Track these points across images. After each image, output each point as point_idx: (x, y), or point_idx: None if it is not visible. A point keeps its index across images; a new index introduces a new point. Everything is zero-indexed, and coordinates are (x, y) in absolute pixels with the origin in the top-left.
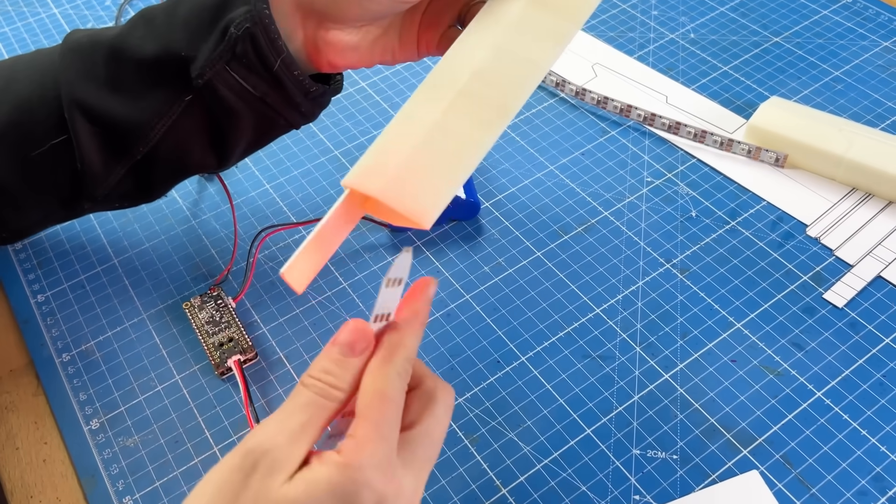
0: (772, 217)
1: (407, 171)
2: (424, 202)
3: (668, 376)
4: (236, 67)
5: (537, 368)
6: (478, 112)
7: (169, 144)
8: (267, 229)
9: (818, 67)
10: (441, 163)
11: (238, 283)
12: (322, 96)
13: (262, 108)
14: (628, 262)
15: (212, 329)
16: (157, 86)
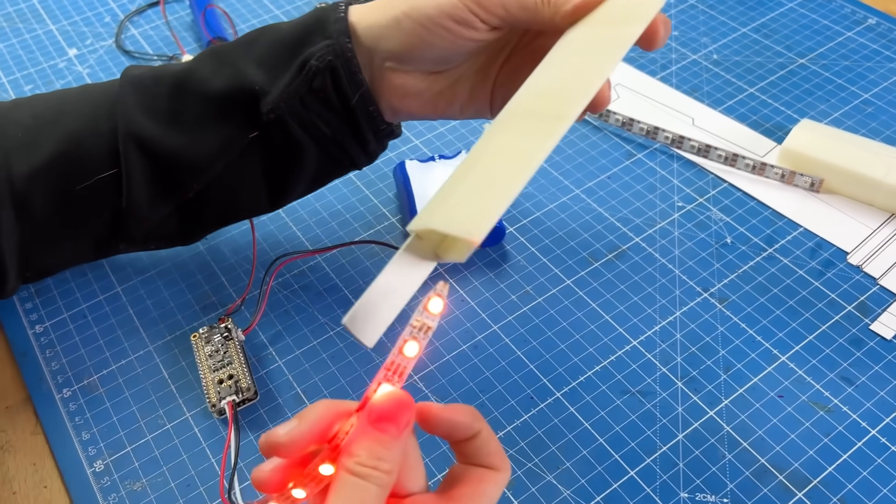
0: (810, 244)
1: (462, 198)
2: (473, 219)
3: (712, 413)
4: (311, 102)
5: (574, 405)
6: (533, 126)
7: (224, 184)
8: (282, 257)
9: (847, 90)
10: (494, 182)
11: (251, 313)
12: (389, 136)
13: (330, 147)
14: (664, 290)
15: (214, 364)
16: (223, 121)
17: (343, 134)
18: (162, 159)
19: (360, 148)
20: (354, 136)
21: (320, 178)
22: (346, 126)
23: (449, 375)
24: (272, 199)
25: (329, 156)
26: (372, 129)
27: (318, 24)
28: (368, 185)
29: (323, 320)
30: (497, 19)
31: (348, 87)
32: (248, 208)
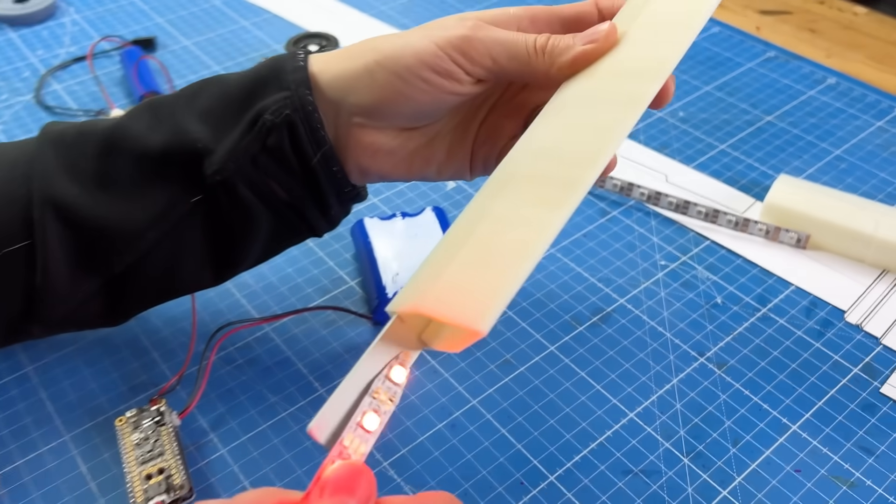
0: (804, 303)
1: (458, 275)
2: (476, 302)
3: (726, 493)
4: (264, 162)
5: (571, 490)
6: (541, 193)
7: (160, 256)
8: (225, 327)
9: (817, 146)
10: (499, 256)
11: (189, 394)
12: (354, 199)
13: (285, 212)
14: (656, 356)
15: (142, 455)
16: (160, 184)
17: (301, 198)
18: (86, 229)
19: (321, 213)
20: (314, 201)
21: (273, 247)
22: (305, 189)
23: (424, 460)
24: (216, 272)
25: (284, 222)
26: (335, 193)
27: (273, 75)
28: (323, 246)
29: (273, 399)
30: (483, 71)
31: (309, 146)
32: (187, 283)
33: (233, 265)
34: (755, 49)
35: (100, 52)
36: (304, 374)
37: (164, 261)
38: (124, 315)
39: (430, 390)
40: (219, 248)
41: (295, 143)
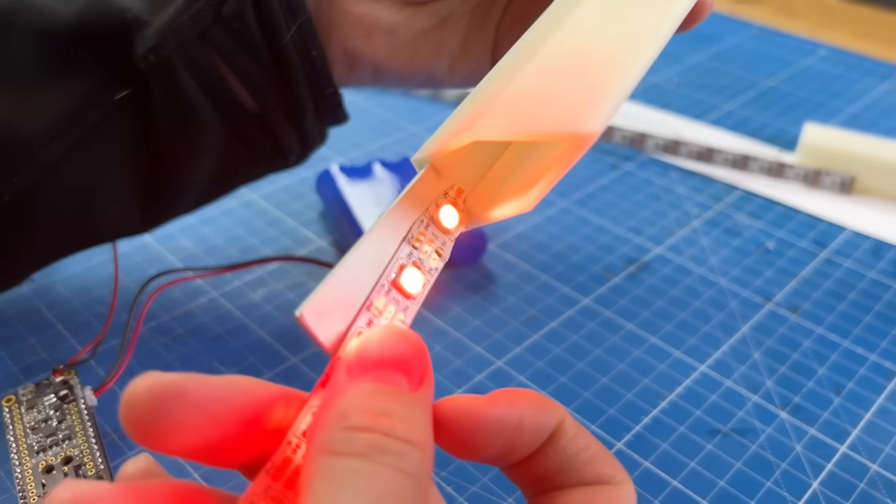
0: (866, 245)
1: (534, 82)
2: (572, 104)
3: (845, 448)
4: (218, 37)
5: (648, 457)
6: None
7: (67, 180)
8: (157, 277)
9: (828, 106)
10: (592, 57)
11: (108, 371)
12: (333, 114)
13: (244, 118)
14: (715, 303)
15: (40, 441)
16: (72, 72)
17: (266, 96)
18: None
19: (291, 125)
20: (284, 102)
21: (224, 175)
22: (273, 83)
23: None
24: (146, 208)
25: (240, 135)
26: (313, 93)
27: None
28: (281, 206)
29: (228, 372)
30: None
31: (280, 14)
32: (105, 222)
33: (168, 198)
34: (737, 26)
35: None
36: (269, 342)
37: (72, 186)
38: (18, 273)
39: (440, 352)
40: (150, 168)
41: (261, 10)
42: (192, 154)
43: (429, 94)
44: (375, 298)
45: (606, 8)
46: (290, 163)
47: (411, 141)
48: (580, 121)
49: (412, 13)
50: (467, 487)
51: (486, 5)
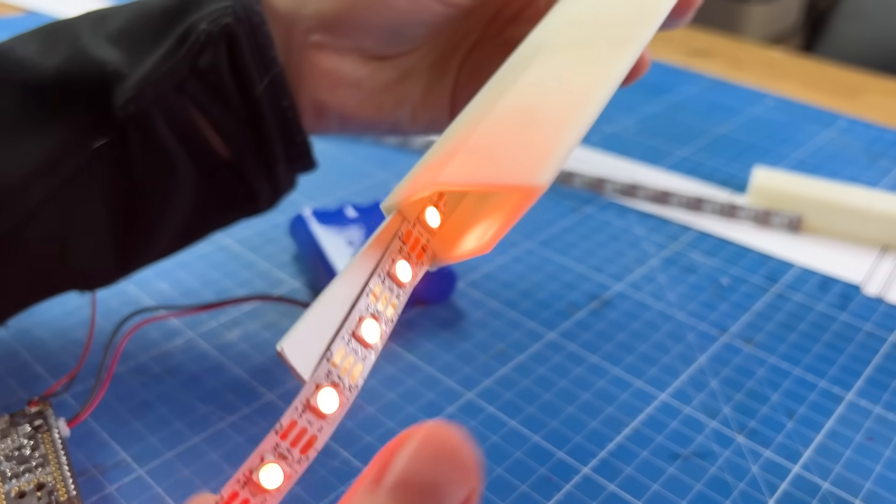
0: (814, 280)
1: (489, 138)
2: (523, 158)
3: (798, 468)
4: (194, 89)
5: (614, 481)
6: (587, 53)
7: (45, 226)
8: (135, 315)
9: (776, 151)
10: (543, 113)
11: (81, 403)
12: (302, 161)
13: (217, 166)
14: (673, 336)
15: (12, 469)
16: (52, 121)
17: (239, 145)
18: None
19: (264, 171)
20: (256, 150)
21: (198, 221)
22: (246, 132)
23: None
24: (122, 254)
25: (214, 182)
26: (283, 140)
27: None
28: (255, 249)
29: (206, 409)
30: None
31: (253, 67)
32: (82, 268)
33: (144, 244)
34: (690, 78)
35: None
36: (246, 379)
37: (49, 232)
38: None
39: (412, 386)
40: (127, 215)
41: (235, 64)
42: (167, 201)
43: (397, 143)
44: (338, 347)
45: (555, 69)
46: (260, 208)
47: (381, 187)
48: (530, 175)
49: (376, 68)
50: None
51: (444, 61)
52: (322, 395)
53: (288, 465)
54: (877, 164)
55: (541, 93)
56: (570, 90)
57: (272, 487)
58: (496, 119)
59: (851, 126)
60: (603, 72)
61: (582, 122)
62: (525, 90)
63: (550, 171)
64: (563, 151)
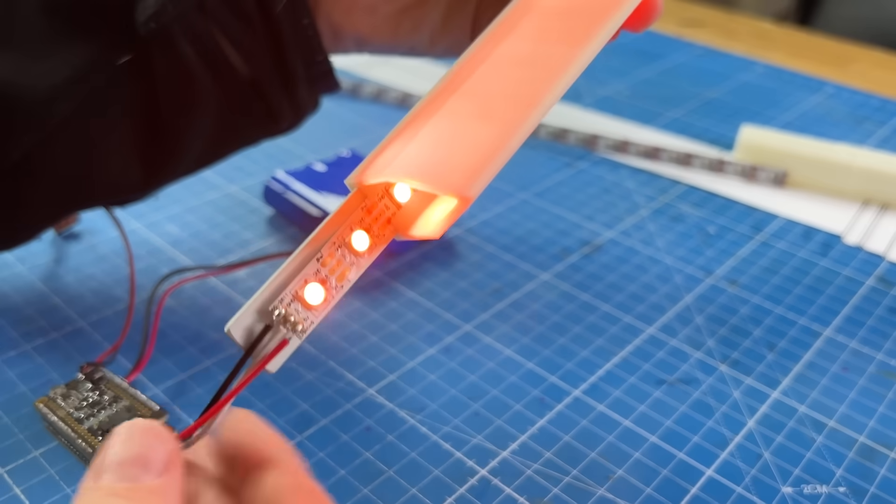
0: (797, 230)
1: (434, 136)
2: (459, 165)
3: (777, 394)
4: (214, 6)
5: (603, 402)
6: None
7: (72, 138)
8: (170, 276)
9: (765, 114)
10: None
11: (131, 358)
12: (325, 81)
13: (239, 84)
14: (661, 278)
15: (86, 412)
16: (77, 36)
17: (260, 63)
18: None
19: (285, 91)
20: (277, 69)
21: (221, 139)
22: (266, 50)
23: (419, 384)
24: (147, 167)
25: (236, 100)
26: (304, 59)
27: None
28: (249, 197)
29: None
30: None
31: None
32: (109, 181)
33: (168, 159)
34: (683, 46)
35: None
36: None
37: (77, 146)
38: (24, 231)
39: (413, 319)
40: (150, 129)
41: None
42: (190, 118)
43: (396, 101)
44: (279, 307)
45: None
46: (282, 128)
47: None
48: (464, 186)
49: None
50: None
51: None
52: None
53: (327, 290)
54: (861, 127)
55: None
56: (525, 83)
57: (316, 304)
58: (453, 107)
59: (838, 92)
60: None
61: (524, 127)
62: (488, 74)
63: (481, 185)
64: (498, 163)
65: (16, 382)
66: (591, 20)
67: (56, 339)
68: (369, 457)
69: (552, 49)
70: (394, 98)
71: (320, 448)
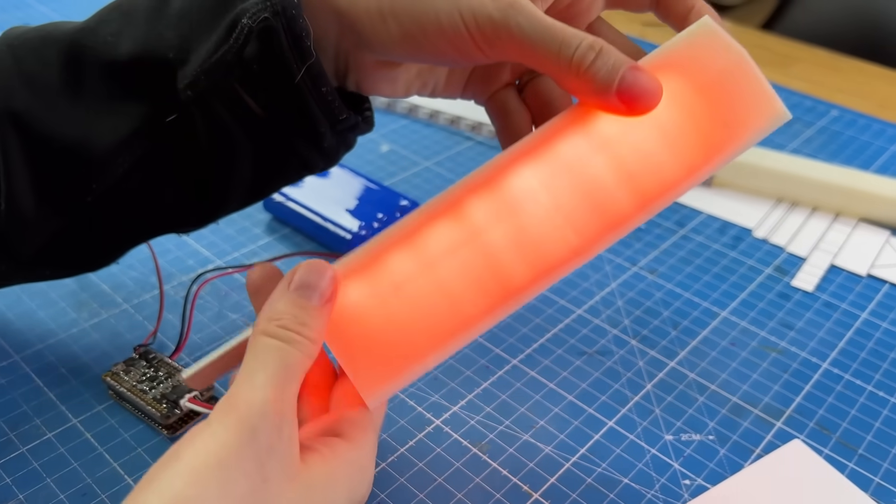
0: (716, 225)
1: (373, 312)
2: (375, 371)
3: (673, 364)
4: (242, 76)
5: (534, 369)
6: (484, 269)
7: (135, 185)
8: (202, 276)
9: None
10: (418, 322)
11: (169, 337)
12: (353, 130)
13: (269, 141)
14: (594, 267)
15: (149, 386)
16: (131, 99)
17: (286, 124)
18: (51, 148)
19: (312, 144)
20: (303, 128)
21: (262, 182)
22: (291, 113)
23: None
24: (201, 207)
25: (269, 153)
26: (327, 118)
27: None
28: None
29: None
30: (504, 58)
31: (292, 58)
32: (169, 217)
33: (215, 202)
34: (646, 46)
35: None
36: None
37: (140, 191)
38: (107, 255)
39: None
40: (198, 179)
41: (275, 55)
42: (230, 167)
43: (405, 110)
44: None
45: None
46: (318, 170)
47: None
48: (367, 393)
49: (409, 65)
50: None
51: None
52: None
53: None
54: (790, 129)
55: (429, 284)
56: (453, 303)
57: None
58: (385, 300)
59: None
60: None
61: (444, 354)
62: (425, 269)
63: (381, 399)
64: (403, 380)
65: (79, 354)
66: (615, 207)
67: (106, 319)
68: None
69: (554, 233)
70: (402, 108)
71: None
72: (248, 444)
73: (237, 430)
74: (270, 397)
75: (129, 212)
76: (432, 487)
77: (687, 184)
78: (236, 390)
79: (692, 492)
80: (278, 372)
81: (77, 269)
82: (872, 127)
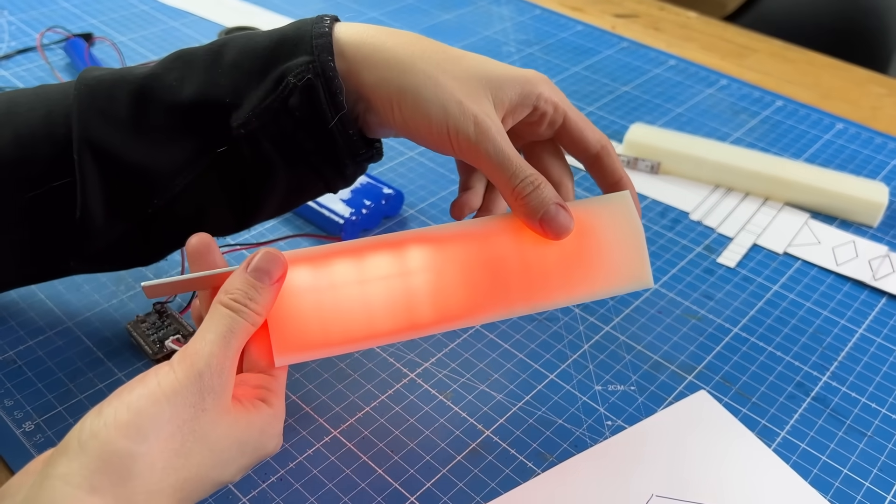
0: (659, 209)
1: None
2: (290, 340)
3: (608, 328)
4: (286, 120)
5: (492, 333)
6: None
7: (187, 202)
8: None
9: (663, 107)
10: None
11: (185, 300)
12: (369, 160)
13: (303, 168)
14: None
15: (155, 332)
16: (189, 134)
17: (318, 157)
18: (121, 171)
19: (337, 171)
20: (331, 160)
21: (292, 198)
22: (323, 149)
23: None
24: (239, 219)
25: (301, 178)
26: (350, 154)
27: (298, 37)
28: None
29: None
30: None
31: (328, 109)
32: (214, 228)
33: (253, 212)
34: (612, 41)
35: (44, 43)
36: None
37: (191, 206)
38: (153, 256)
39: None
40: (239, 196)
41: (314, 106)
42: (269, 188)
43: None
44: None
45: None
46: (338, 190)
47: None
48: (279, 353)
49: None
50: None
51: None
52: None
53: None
54: (737, 118)
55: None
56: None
57: None
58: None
59: (729, 84)
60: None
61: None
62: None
63: (287, 362)
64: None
65: (118, 320)
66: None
67: (139, 292)
68: (343, 367)
69: (459, 295)
70: None
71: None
72: (195, 383)
73: (187, 371)
74: (216, 351)
75: (179, 222)
76: (406, 426)
77: (565, 298)
78: (192, 343)
79: (612, 430)
80: (225, 333)
81: (131, 265)
82: (811, 117)
